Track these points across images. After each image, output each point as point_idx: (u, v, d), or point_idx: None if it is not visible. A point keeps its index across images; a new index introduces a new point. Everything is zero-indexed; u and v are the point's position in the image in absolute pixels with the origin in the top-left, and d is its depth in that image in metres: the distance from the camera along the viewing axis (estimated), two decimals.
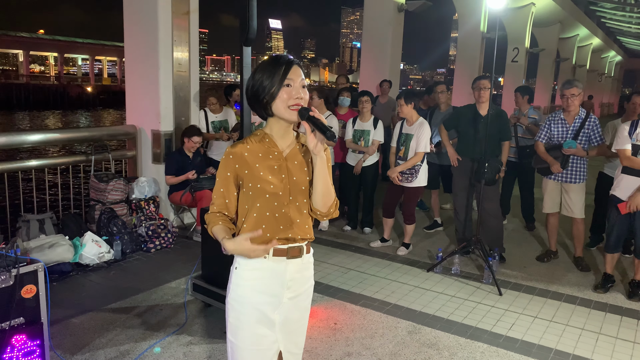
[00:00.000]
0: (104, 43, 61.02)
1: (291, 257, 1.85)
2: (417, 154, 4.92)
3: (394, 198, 5.25)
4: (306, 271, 1.93)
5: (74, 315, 3.58)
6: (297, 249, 1.86)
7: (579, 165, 4.70)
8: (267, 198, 1.80)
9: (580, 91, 4.62)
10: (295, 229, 1.84)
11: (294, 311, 1.91)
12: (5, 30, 53.05)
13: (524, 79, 17.68)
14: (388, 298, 4.07)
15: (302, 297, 1.93)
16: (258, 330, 1.85)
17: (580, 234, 4.92)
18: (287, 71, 1.74)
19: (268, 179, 1.79)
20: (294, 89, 1.75)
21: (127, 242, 4.81)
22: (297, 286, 1.90)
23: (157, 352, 3.17)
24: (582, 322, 3.77)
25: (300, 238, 1.86)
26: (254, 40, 3.16)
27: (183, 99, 5.70)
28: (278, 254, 1.83)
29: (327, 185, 1.80)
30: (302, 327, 1.99)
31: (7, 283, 2.72)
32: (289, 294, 1.88)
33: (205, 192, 5.17)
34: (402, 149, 5.01)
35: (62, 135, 5.63)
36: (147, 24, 5.42)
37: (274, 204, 1.81)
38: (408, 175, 4.98)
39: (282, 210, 1.81)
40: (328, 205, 1.84)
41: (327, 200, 1.83)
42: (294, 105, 1.74)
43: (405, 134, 5.01)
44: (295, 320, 1.93)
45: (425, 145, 4.92)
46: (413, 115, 5.00)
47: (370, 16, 9.77)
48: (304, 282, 1.93)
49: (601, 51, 33.17)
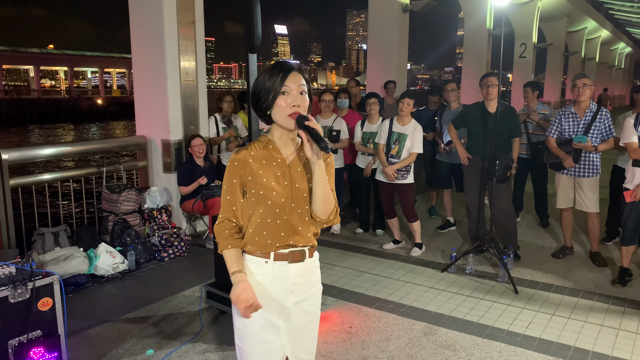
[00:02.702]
0: (113, 55, 61.69)
1: (293, 261, 1.85)
2: (412, 155, 4.99)
3: (389, 198, 5.25)
4: (311, 275, 1.92)
5: (90, 326, 3.60)
6: (299, 253, 1.86)
7: (592, 159, 4.65)
8: (269, 205, 1.81)
9: (591, 83, 4.58)
10: (297, 236, 1.85)
11: (300, 316, 1.90)
12: (15, 47, 53.77)
13: (532, 74, 17.54)
14: (403, 300, 4.05)
15: (308, 302, 1.91)
16: (263, 336, 1.86)
17: (596, 229, 4.86)
18: (284, 79, 1.75)
19: (271, 185, 1.80)
20: (290, 96, 1.75)
21: (140, 252, 4.84)
22: (302, 291, 1.89)
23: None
24: (600, 318, 3.72)
25: (302, 245, 1.86)
26: (260, 46, 3.18)
27: (191, 108, 5.74)
28: (279, 258, 1.84)
29: (326, 192, 1.79)
30: (311, 333, 1.96)
31: (24, 296, 2.75)
32: (293, 299, 1.87)
33: (216, 200, 5.19)
34: (395, 148, 5.03)
35: (74, 148, 5.70)
36: (153, 35, 5.46)
37: (276, 210, 1.81)
38: (404, 172, 5.02)
39: (284, 217, 1.82)
40: (328, 212, 1.83)
41: (326, 207, 1.82)
42: (292, 113, 1.75)
43: (398, 133, 5.03)
44: (302, 325, 1.91)
45: (419, 147, 4.99)
46: (409, 117, 5.07)
47: (375, 18, 9.76)
48: (309, 286, 1.92)
49: (610, 43, 32.80)
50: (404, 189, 5.10)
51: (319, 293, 1.97)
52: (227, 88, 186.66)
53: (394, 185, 5.12)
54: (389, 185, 5.14)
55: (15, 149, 4.81)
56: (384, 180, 5.13)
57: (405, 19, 9.72)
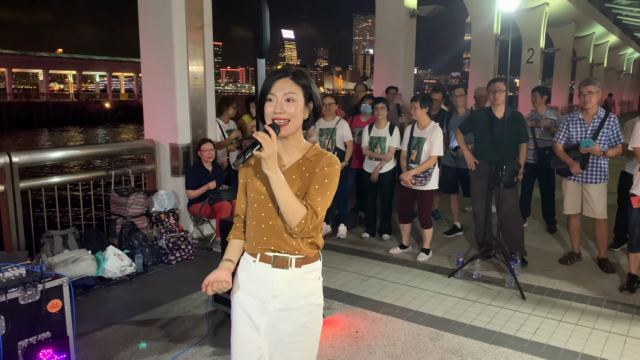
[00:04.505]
0: (121, 59, 62.02)
1: (276, 266, 1.86)
2: (431, 158, 4.94)
3: (407, 203, 5.24)
4: (299, 286, 1.87)
5: (98, 328, 3.63)
6: (283, 260, 1.85)
7: (600, 165, 4.63)
8: (255, 208, 1.87)
9: (598, 89, 4.56)
10: (281, 242, 1.84)
11: (286, 324, 1.86)
12: (25, 51, 54.21)
13: (540, 79, 17.50)
14: (409, 305, 4.05)
15: (296, 313, 1.86)
16: (242, 330, 1.91)
17: (603, 235, 4.84)
18: (270, 86, 1.79)
19: (262, 189, 1.84)
20: (275, 104, 1.78)
21: (148, 255, 4.87)
22: (286, 298, 1.86)
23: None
24: (609, 325, 3.70)
25: (285, 252, 1.85)
26: (268, 51, 3.20)
27: (199, 112, 5.77)
28: (264, 260, 1.88)
29: (285, 202, 1.73)
30: (300, 345, 1.89)
31: (34, 298, 2.78)
32: (275, 304, 1.86)
33: (224, 204, 5.21)
34: (415, 153, 5.02)
35: (82, 151, 5.76)
36: (162, 39, 5.51)
37: (262, 214, 1.85)
38: (422, 179, 4.98)
39: (269, 222, 1.84)
40: (294, 222, 1.75)
41: (291, 217, 1.75)
42: (275, 119, 1.77)
43: (417, 138, 5.02)
44: (288, 334, 1.87)
45: (439, 149, 4.93)
46: (425, 119, 5.01)
47: (382, 23, 9.79)
48: (297, 297, 1.87)
49: (618, 48, 32.67)
50: (423, 196, 5.09)
51: (313, 308, 1.90)
52: (234, 92, 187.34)
53: (415, 191, 5.10)
54: (411, 191, 5.11)
55: (26, 152, 4.85)
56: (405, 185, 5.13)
57: (412, 24, 9.74)
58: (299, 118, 1.80)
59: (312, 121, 1.88)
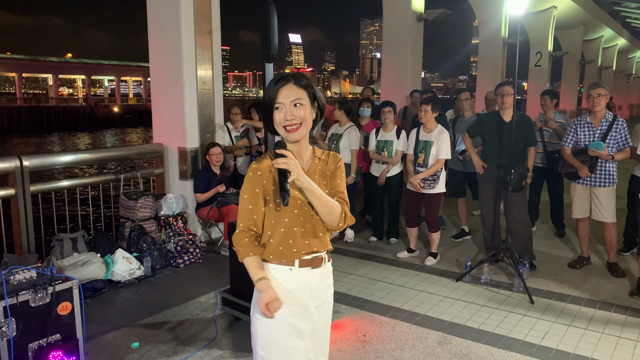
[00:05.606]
0: (129, 64, 62.48)
1: (315, 266, 1.92)
2: (439, 161, 4.93)
3: (415, 207, 5.23)
4: (328, 279, 2.02)
5: (107, 331, 3.65)
6: (320, 259, 1.94)
7: (608, 169, 4.60)
8: (295, 213, 1.86)
9: (606, 92, 4.54)
10: (318, 241, 1.92)
11: (320, 319, 1.99)
12: (35, 56, 54.76)
13: (548, 82, 17.43)
14: (417, 309, 4.04)
15: (325, 305, 2.01)
16: (290, 343, 1.89)
17: (613, 239, 4.81)
18: (276, 94, 1.81)
19: (295, 194, 1.84)
20: (285, 111, 1.80)
21: (156, 258, 4.90)
22: (321, 294, 1.97)
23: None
24: (618, 330, 3.67)
25: (322, 250, 1.95)
26: (276, 56, 3.22)
27: (208, 116, 5.81)
28: (304, 264, 1.90)
29: (325, 205, 1.84)
30: (327, 335, 2.06)
31: (44, 301, 2.81)
32: (315, 303, 1.95)
33: (231, 207, 5.23)
34: (422, 156, 5.01)
35: (92, 155, 5.80)
36: (171, 44, 5.55)
37: (301, 218, 1.87)
38: (430, 182, 4.97)
39: (307, 225, 1.88)
40: (335, 220, 1.89)
41: (331, 217, 1.87)
42: (287, 126, 1.81)
43: (424, 141, 5.02)
44: (320, 328, 2.00)
45: (447, 152, 4.93)
46: (433, 123, 5.00)
47: (390, 26, 9.80)
48: (326, 290, 2.01)
49: (627, 52, 32.47)
50: (431, 199, 5.08)
51: (332, 296, 2.07)
52: (241, 96, 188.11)
53: (422, 195, 5.10)
54: (418, 194, 5.10)
55: (36, 156, 4.91)
56: (412, 189, 5.12)
57: (420, 28, 9.75)
58: (309, 120, 1.85)
59: (318, 120, 1.94)
